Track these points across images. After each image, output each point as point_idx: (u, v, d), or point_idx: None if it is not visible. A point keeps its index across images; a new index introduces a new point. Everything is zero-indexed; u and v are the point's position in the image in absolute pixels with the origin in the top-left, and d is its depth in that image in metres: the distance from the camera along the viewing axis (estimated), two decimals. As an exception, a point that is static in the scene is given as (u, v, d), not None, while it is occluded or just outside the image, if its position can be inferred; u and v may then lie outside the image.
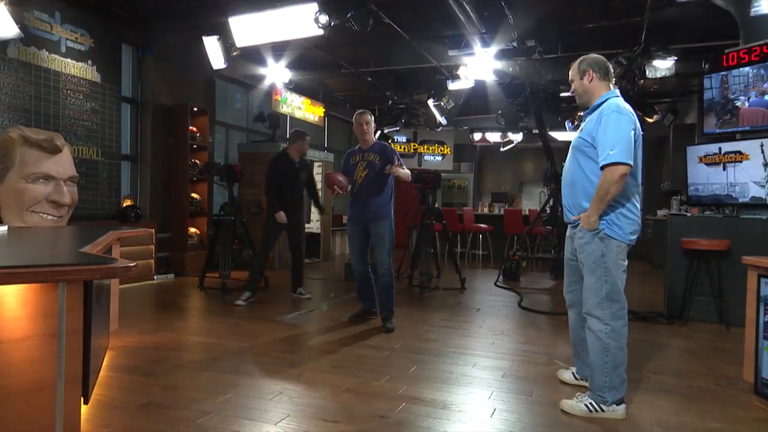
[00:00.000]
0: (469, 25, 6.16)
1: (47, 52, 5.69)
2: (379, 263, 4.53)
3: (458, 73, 7.55)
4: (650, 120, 9.03)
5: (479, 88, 8.13)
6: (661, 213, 9.92)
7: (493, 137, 11.20)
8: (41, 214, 2.42)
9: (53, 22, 5.76)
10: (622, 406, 2.65)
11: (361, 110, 4.73)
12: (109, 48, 6.48)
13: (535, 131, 11.96)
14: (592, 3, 6.37)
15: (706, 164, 5.28)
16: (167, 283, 6.83)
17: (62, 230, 2.19)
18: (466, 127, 12.04)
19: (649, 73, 6.86)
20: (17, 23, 4.92)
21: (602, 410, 2.63)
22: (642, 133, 2.69)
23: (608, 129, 2.54)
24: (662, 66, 6.84)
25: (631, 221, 2.66)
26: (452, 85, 7.80)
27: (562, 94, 8.65)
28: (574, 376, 3.10)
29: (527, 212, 10.75)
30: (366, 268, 4.64)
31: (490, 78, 7.71)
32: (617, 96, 2.70)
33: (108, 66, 6.47)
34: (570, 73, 2.83)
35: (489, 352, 3.91)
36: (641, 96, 8.54)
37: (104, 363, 3.20)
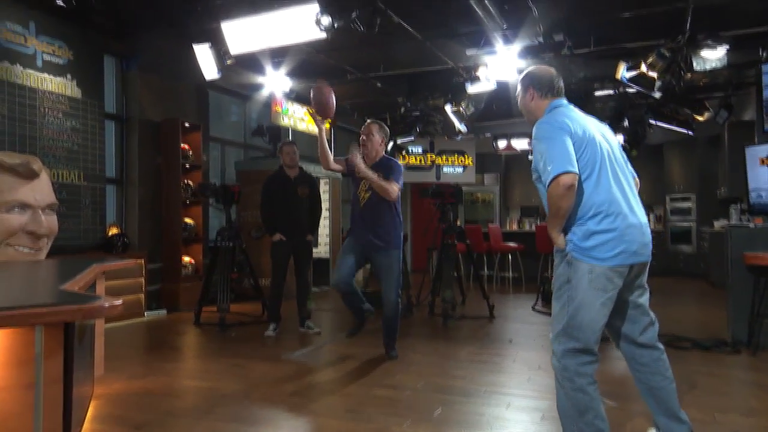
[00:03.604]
0: (488, 20, 6.19)
1: (21, 67, 5.82)
2: (386, 302, 4.53)
3: (478, 74, 7.58)
4: (701, 118, 8.94)
5: (502, 90, 8.14)
6: (718, 224, 9.78)
7: (520, 144, 11.17)
8: (16, 247, 2.42)
9: (27, 34, 5.90)
10: None
11: (369, 120, 4.76)
12: (89, 60, 6.62)
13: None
14: None
15: (768, 166, 5.21)
16: (159, 319, 6.85)
17: (40, 265, 2.20)
18: (489, 134, 12.04)
19: (697, 66, 6.80)
20: None
21: None
22: (589, 135, 2.56)
23: (539, 150, 2.54)
24: (712, 56, 6.77)
25: (608, 238, 2.46)
26: (472, 88, 7.83)
27: (596, 93, 8.62)
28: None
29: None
30: (351, 286, 4.54)
31: (513, 78, 7.72)
32: (554, 109, 2.67)
33: (89, 80, 6.60)
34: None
35: (525, 390, 3.85)
36: (689, 91, 8.48)
37: (88, 414, 3.18)
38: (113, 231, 6.78)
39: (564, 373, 2.50)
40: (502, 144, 11.33)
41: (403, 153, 12.02)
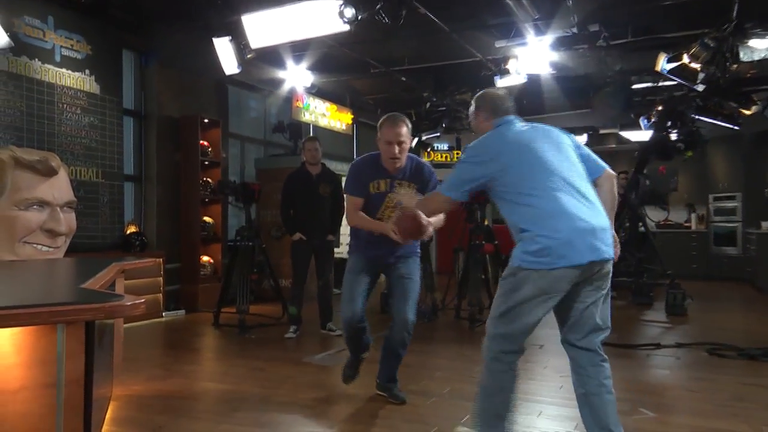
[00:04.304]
0: (519, 10, 6.15)
1: (40, 62, 5.95)
2: (400, 322, 3.62)
3: (507, 67, 7.52)
4: (748, 112, 8.74)
5: (533, 83, 8.07)
6: (766, 225, 9.58)
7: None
8: (35, 245, 2.48)
9: (46, 28, 6.03)
10: None
11: (390, 114, 3.71)
12: (108, 55, 6.74)
13: (605, 131, 11.82)
14: None
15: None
16: (177, 320, 6.95)
17: (59, 263, 2.25)
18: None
19: (744, 56, 6.64)
20: (6, 31, 5.17)
21: None
22: (526, 152, 2.73)
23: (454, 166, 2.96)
24: (761, 46, 6.61)
25: (552, 244, 2.56)
26: (501, 82, 7.77)
27: (634, 86, 8.49)
28: None
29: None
30: (365, 321, 3.75)
31: (546, 71, 7.65)
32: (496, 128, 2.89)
33: (108, 75, 6.72)
34: None
35: (556, 398, 3.82)
36: (735, 83, 8.29)
37: (107, 416, 3.25)
38: (131, 229, 6.90)
39: (488, 353, 2.72)
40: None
41: (429, 150, 11.99)
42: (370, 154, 3.79)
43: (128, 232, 6.83)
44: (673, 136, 8.35)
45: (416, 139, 9.64)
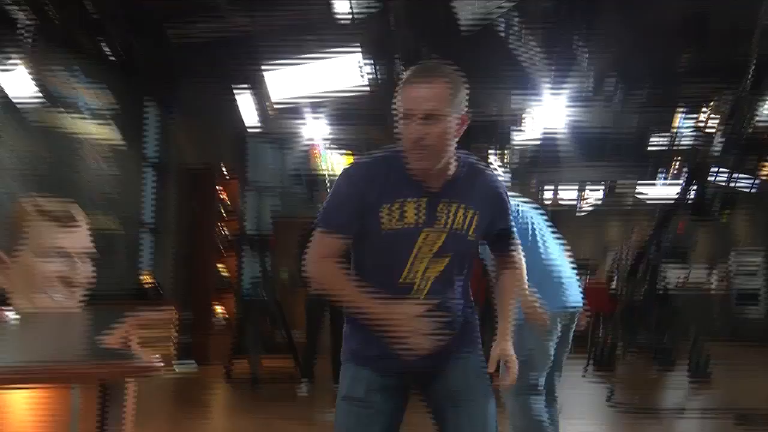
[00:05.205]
0: (535, 67, 6.21)
1: (64, 111, 6.05)
2: None
3: (523, 122, 7.55)
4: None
5: (549, 138, 8.09)
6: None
7: (568, 194, 11.00)
8: (52, 295, 2.44)
9: (71, 78, 6.17)
10: None
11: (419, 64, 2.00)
12: (131, 106, 6.87)
13: (623, 190, 11.73)
14: (685, 30, 6.25)
15: None
16: (189, 373, 6.83)
17: (75, 316, 2.21)
18: (534, 180, 11.85)
19: (766, 110, 6.59)
20: (35, 82, 5.27)
21: None
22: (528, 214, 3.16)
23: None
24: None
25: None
26: (517, 137, 7.80)
27: (652, 138, 8.46)
28: None
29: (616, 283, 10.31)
30: None
31: (562, 127, 7.68)
32: None
33: (130, 125, 6.83)
34: None
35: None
36: (756, 137, 8.17)
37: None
38: (147, 280, 6.87)
39: (516, 408, 2.96)
40: (548, 194, 11.17)
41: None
42: (383, 154, 1.92)
43: (143, 282, 6.80)
44: (694, 193, 8.23)
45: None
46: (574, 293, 3.07)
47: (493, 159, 9.12)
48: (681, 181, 8.32)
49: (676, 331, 7.89)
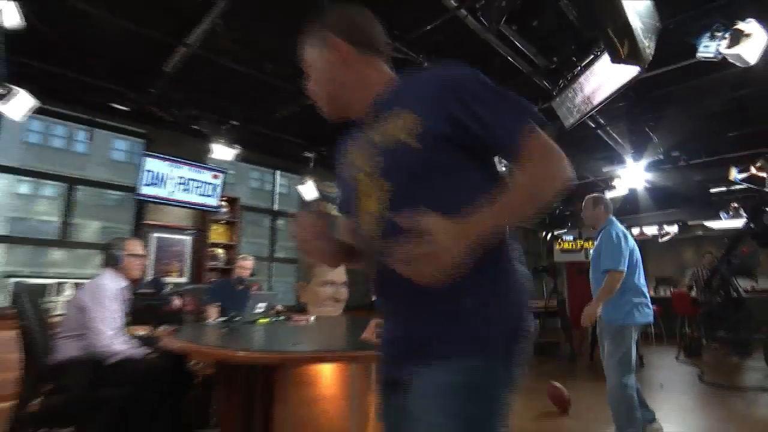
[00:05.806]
0: (618, 146, 5.66)
1: (334, 205, 6.59)
2: None
3: (613, 184, 6.84)
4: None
5: (632, 193, 7.22)
6: None
7: (650, 230, 9.66)
8: (327, 308, 2.81)
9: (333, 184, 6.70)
10: None
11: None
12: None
13: (694, 224, 9.91)
14: (728, 116, 5.29)
15: None
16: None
17: (341, 319, 2.50)
18: (624, 225, 10.57)
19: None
20: (316, 189, 5.85)
21: None
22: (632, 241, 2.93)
23: (608, 248, 2.83)
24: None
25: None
26: (609, 194, 7.04)
27: (711, 190, 7.17)
28: None
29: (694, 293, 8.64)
30: None
31: (641, 186, 6.79)
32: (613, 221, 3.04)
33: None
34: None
35: (681, 433, 3.06)
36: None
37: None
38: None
39: (621, 389, 2.70)
40: (635, 231, 9.91)
41: (559, 241, 11.22)
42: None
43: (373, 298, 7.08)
44: (753, 225, 6.71)
45: (549, 234, 9.02)
46: (650, 312, 2.87)
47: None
48: (741, 216, 6.82)
49: (749, 329, 6.29)
